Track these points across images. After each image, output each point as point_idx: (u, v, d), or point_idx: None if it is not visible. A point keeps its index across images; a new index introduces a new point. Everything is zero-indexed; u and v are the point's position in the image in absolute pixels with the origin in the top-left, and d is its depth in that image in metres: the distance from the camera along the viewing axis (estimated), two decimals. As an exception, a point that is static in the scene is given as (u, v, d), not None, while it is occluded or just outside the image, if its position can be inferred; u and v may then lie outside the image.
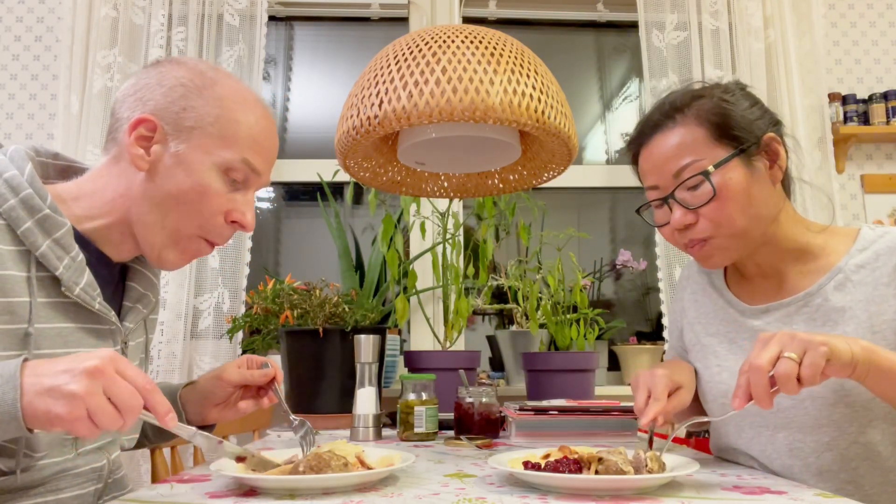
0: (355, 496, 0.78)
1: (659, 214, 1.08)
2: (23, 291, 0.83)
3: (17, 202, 0.84)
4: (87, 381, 0.66)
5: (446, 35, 1.03)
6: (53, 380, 0.67)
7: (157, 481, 1.11)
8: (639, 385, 0.99)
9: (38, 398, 0.66)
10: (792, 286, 1.04)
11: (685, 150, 1.00)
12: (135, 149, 0.90)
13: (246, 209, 0.96)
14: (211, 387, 1.09)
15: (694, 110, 1.02)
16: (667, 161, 1.02)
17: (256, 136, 0.96)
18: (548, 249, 1.98)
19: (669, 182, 1.02)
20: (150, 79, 0.94)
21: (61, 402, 0.66)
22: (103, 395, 0.67)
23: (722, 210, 0.98)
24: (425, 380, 1.37)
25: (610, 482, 0.78)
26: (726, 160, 0.99)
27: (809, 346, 0.79)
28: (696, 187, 1.00)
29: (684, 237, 1.03)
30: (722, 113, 1.01)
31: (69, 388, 0.66)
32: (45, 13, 2.37)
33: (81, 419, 0.66)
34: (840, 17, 2.54)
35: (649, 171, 1.06)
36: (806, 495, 0.78)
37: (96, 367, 0.67)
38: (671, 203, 1.02)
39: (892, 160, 2.48)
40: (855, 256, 0.99)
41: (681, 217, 1.01)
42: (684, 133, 1.01)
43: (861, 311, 0.96)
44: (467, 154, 1.23)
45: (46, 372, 0.68)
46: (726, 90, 1.04)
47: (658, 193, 1.05)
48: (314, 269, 2.54)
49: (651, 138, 1.05)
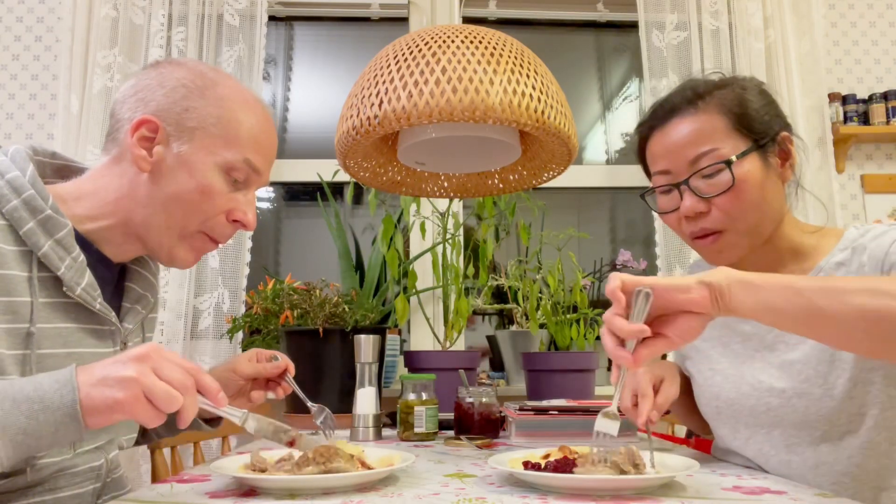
0: (355, 496, 0.78)
1: (665, 200, 1.05)
2: (24, 291, 0.83)
3: (19, 203, 0.84)
4: (137, 364, 0.70)
5: (446, 35, 1.03)
6: (105, 371, 0.70)
7: (157, 481, 1.11)
8: (624, 386, 0.98)
9: (95, 389, 0.70)
10: None
11: (705, 138, 0.99)
12: (137, 150, 0.90)
13: (247, 208, 0.97)
14: (224, 380, 1.10)
15: (716, 99, 1.01)
16: (684, 146, 1.00)
17: (257, 136, 0.97)
18: (548, 249, 1.98)
19: (684, 168, 1.00)
20: (150, 80, 0.94)
21: (117, 388, 0.69)
22: (155, 376, 0.70)
23: (737, 202, 0.97)
24: (425, 380, 1.37)
25: (610, 482, 0.78)
26: (747, 152, 0.98)
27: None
28: (712, 176, 0.98)
29: (693, 225, 1.01)
30: (743, 105, 1.00)
31: (121, 373, 0.69)
32: (45, 13, 2.37)
33: (140, 400, 0.69)
34: (840, 17, 2.54)
35: (662, 154, 1.03)
36: (806, 495, 0.78)
37: (144, 352, 0.71)
38: (683, 190, 1.00)
39: (892, 160, 2.48)
40: (836, 255, 0.99)
41: (693, 205, 0.99)
42: (705, 120, 1.00)
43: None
44: (467, 154, 1.23)
45: (97, 367, 0.72)
46: (745, 85, 1.04)
47: (668, 179, 1.02)
48: (314, 269, 2.54)
49: (668, 122, 1.03)
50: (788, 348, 1.00)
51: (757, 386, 1.01)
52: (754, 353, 1.05)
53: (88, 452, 0.94)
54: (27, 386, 0.70)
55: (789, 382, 0.98)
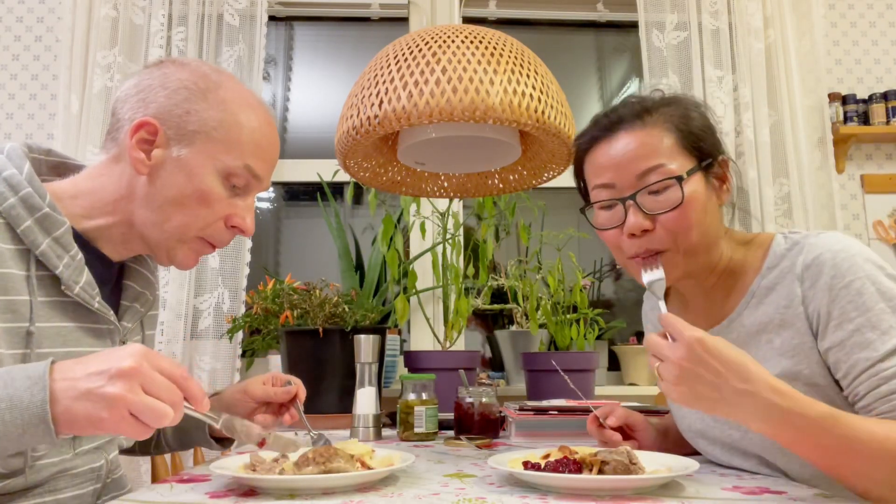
0: (355, 496, 0.78)
1: (606, 216, 1.00)
2: (23, 290, 0.83)
3: (16, 201, 0.84)
4: (125, 382, 0.65)
5: (446, 35, 1.03)
6: (88, 382, 0.65)
7: (157, 481, 1.11)
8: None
9: (77, 403, 0.65)
10: (719, 311, 1.02)
11: (653, 152, 0.95)
12: (136, 152, 0.89)
13: (246, 214, 0.96)
14: (234, 400, 1.12)
15: (663, 115, 0.98)
16: (631, 160, 0.96)
17: (259, 142, 0.95)
18: (548, 249, 1.98)
19: (631, 183, 0.96)
20: (152, 80, 0.93)
21: (101, 405, 0.64)
22: (143, 393, 0.65)
23: (683, 220, 0.94)
24: (425, 380, 1.37)
25: (610, 482, 0.78)
26: (693, 171, 0.95)
27: (702, 383, 0.78)
28: (659, 192, 0.94)
29: (635, 245, 0.96)
30: (688, 123, 0.98)
31: (107, 390, 0.64)
32: (45, 13, 2.37)
33: (125, 419, 0.65)
34: (840, 17, 2.54)
35: (607, 166, 0.98)
36: (806, 495, 0.78)
37: (132, 367, 0.65)
38: (629, 206, 0.95)
39: (892, 160, 2.48)
40: (766, 276, 0.96)
41: (639, 222, 0.94)
42: (654, 135, 0.97)
43: (774, 335, 0.94)
44: (467, 154, 1.23)
45: (79, 374, 0.66)
46: (689, 105, 1.02)
47: (612, 193, 0.98)
48: (314, 269, 2.54)
49: (614, 134, 0.99)
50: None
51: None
52: None
53: (88, 453, 0.94)
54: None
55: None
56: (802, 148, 2.24)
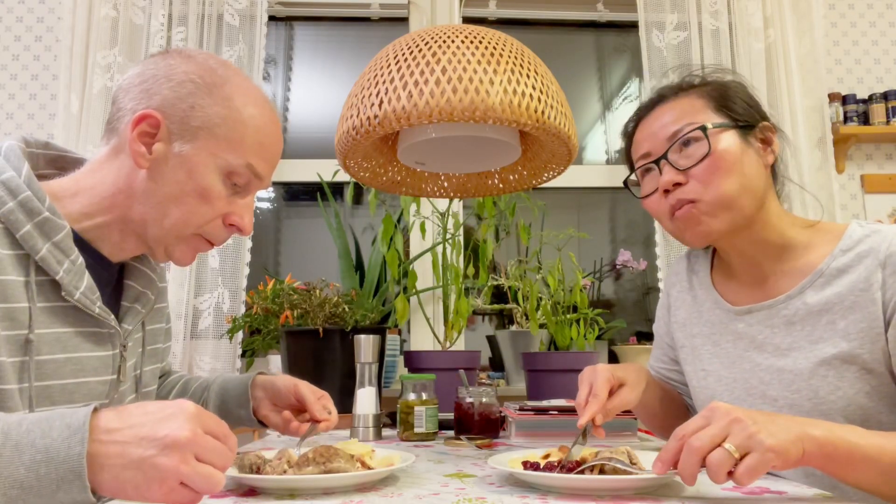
0: (355, 496, 0.78)
1: (647, 183, 1.05)
2: (22, 297, 0.81)
3: (15, 205, 0.82)
4: (180, 453, 0.61)
5: (446, 35, 1.03)
6: (140, 449, 0.61)
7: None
8: (582, 380, 0.97)
9: (126, 472, 0.61)
10: (773, 287, 1.02)
11: (684, 116, 1.00)
12: (137, 145, 0.87)
13: (245, 213, 0.95)
14: (284, 389, 1.12)
15: (699, 89, 1.04)
16: (662, 127, 1.02)
17: (263, 141, 0.94)
18: (548, 249, 1.98)
19: (662, 145, 1.01)
20: (157, 70, 0.90)
21: (153, 476, 0.60)
22: (196, 462, 0.62)
23: (714, 171, 0.96)
24: (425, 380, 1.37)
25: (610, 482, 0.78)
26: (725, 125, 0.99)
27: (755, 448, 0.71)
28: (689, 144, 0.98)
29: (672, 198, 0.99)
30: (725, 91, 1.02)
31: (160, 461, 0.60)
32: (45, 13, 2.37)
33: (175, 490, 0.61)
34: (840, 17, 2.54)
35: (643, 139, 1.04)
36: (806, 495, 0.77)
37: (188, 438, 0.61)
38: (662, 165, 1.00)
39: (892, 160, 2.48)
40: (838, 258, 0.96)
41: (671, 176, 0.98)
42: (685, 103, 1.02)
43: (839, 317, 0.94)
44: (467, 154, 1.23)
45: (128, 437, 0.62)
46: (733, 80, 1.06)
47: (649, 159, 1.03)
48: (314, 269, 2.55)
49: (651, 111, 1.06)
50: (779, 353, 0.99)
51: (751, 391, 1.01)
52: (744, 353, 1.03)
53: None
54: (36, 429, 0.61)
55: (780, 391, 0.97)
56: (802, 148, 2.24)
